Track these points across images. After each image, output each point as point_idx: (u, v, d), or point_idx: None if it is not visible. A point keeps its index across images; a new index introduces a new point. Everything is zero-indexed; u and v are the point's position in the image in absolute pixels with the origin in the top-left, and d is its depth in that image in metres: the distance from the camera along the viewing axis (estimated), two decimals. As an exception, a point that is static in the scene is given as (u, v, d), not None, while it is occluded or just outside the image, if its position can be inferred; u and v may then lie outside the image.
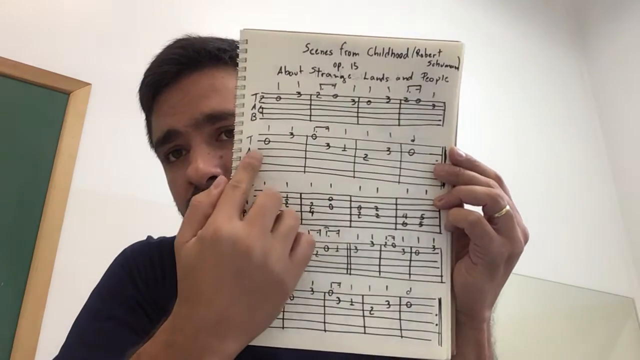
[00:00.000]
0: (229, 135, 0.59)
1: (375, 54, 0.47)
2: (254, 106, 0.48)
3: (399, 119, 0.48)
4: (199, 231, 0.44)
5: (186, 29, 0.69)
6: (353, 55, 0.48)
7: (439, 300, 0.48)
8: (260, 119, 0.48)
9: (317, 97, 0.48)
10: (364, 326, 0.47)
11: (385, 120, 0.48)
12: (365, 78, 0.48)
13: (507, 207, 0.47)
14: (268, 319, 0.46)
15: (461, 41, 0.47)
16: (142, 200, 1.60)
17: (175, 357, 0.43)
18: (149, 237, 0.75)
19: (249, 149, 0.48)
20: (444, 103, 0.48)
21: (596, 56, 3.12)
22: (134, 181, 1.62)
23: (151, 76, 0.65)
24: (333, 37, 0.48)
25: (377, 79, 0.48)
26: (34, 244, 1.44)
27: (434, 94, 0.48)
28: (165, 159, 0.65)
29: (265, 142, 0.48)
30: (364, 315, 0.47)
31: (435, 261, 0.48)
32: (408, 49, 0.47)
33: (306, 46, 0.48)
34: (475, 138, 2.29)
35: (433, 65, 0.47)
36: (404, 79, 0.48)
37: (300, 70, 0.48)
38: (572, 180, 2.77)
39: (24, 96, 1.55)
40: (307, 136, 0.48)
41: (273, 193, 0.46)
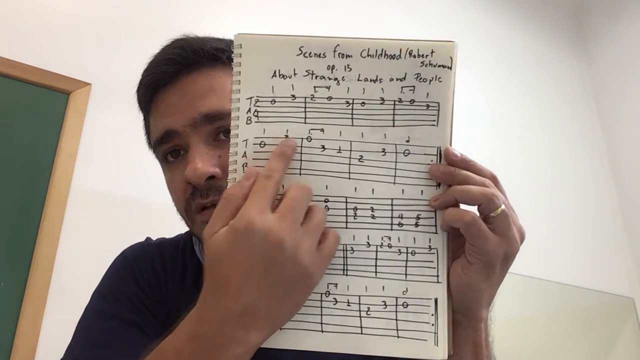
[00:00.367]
0: (227, 135, 0.59)
1: (368, 55, 0.47)
2: (249, 110, 0.48)
3: (393, 120, 0.48)
4: (231, 221, 0.44)
5: (185, 28, 0.69)
6: (346, 58, 0.48)
7: (435, 300, 0.48)
8: (256, 122, 0.48)
9: (312, 100, 0.48)
10: (361, 327, 0.47)
11: (380, 121, 0.48)
12: (359, 80, 0.48)
13: (503, 207, 0.47)
14: (293, 311, 0.46)
15: (454, 41, 0.47)
16: (142, 200, 1.60)
17: (200, 349, 0.43)
18: (148, 239, 0.75)
19: (244, 153, 0.48)
20: (438, 103, 0.48)
21: (596, 55, 3.12)
22: (134, 181, 1.62)
23: (149, 76, 0.65)
24: (326, 40, 0.48)
25: (371, 81, 0.48)
26: (34, 244, 1.44)
27: (427, 94, 0.48)
28: (163, 159, 0.65)
29: (261, 145, 0.48)
30: (360, 316, 0.48)
31: (432, 261, 0.48)
32: (401, 50, 0.47)
33: (299, 49, 0.48)
34: (475, 137, 2.29)
35: (426, 66, 0.47)
36: (397, 80, 0.48)
37: (294, 74, 0.48)
38: (572, 180, 2.76)
39: (24, 96, 1.55)
40: (302, 138, 0.48)
41: (305, 186, 0.46)
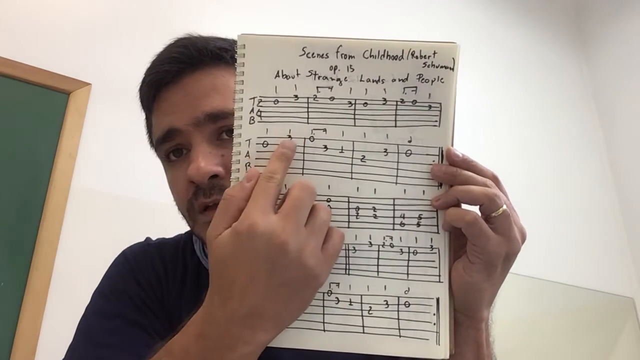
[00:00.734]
0: (230, 134, 0.59)
1: (370, 56, 0.48)
2: (252, 110, 0.48)
3: (395, 120, 0.48)
4: (234, 224, 0.44)
5: (185, 29, 0.69)
6: (349, 58, 0.48)
7: (437, 299, 0.48)
8: (259, 122, 0.48)
9: (314, 100, 0.48)
10: (363, 326, 0.48)
11: (382, 121, 0.48)
12: (361, 80, 0.48)
13: (504, 207, 0.47)
14: (299, 310, 0.46)
15: (456, 42, 0.47)
16: (142, 200, 1.60)
17: (208, 348, 0.44)
18: (148, 239, 0.75)
19: (247, 152, 0.48)
20: (440, 104, 0.48)
21: (596, 54, 3.12)
22: (134, 181, 1.62)
23: (152, 75, 0.65)
24: (329, 41, 0.48)
25: (373, 81, 0.48)
26: (34, 244, 1.44)
27: (429, 95, 0.48)
28: (165, 158, 0.65)
29: (264, 145, 0.48)
30: (362, 315, 0.48)
31: (433, 261, 0.48)
32: (403, 50, 0.47)
33: (302, 50, 0.48)
34: (476, 137, 2.29)
35: (428, 67, 0.47)
36: (399, 80, 0.48)
37: (297, 74, 0.48)
38: (572, 180, 2.76)
39: (24, 96, 1.55)
40: (305, 138, 0.48)
41: (308, 186, 0.45)
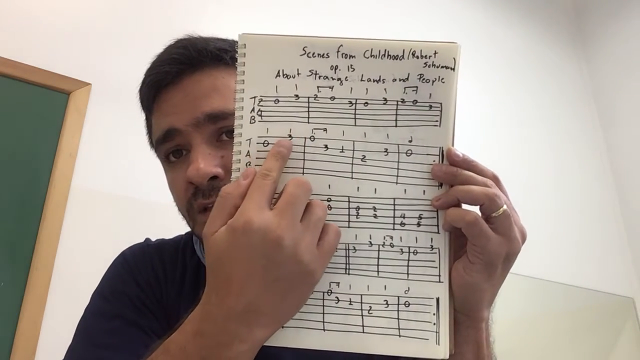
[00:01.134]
0: (230, 135, 0.59)
1: (371, 56, 0.48)
2: (253, 109, 0.48)
3: (396, 120, 0.48)
4: (230, 221, 0.44)
5: (185, 29, 0.69)
6: (349, 58, 0.48)
7: (437, 299, 0.48)
8: (259, 121, 0.48)
9: (315, 100, 0.48)
10: (363, 325, 0.48)
11: (383, 121, 0.48)
12: (362, 80, 0.48)
13: (505, 207, 0.47)
14: (296, 307, 0.46)
15: (457, 42, 0.47)
16: (142, 200, 1.60)
17: (205, 346, 0.44)
18: (147, 240, 0.75)
19: (248, 152, 0.48)
20: (441, 104, 0.48)
21: (595, 53, 3.12)
22: (134, 181, 1.62)
23: (152, 76, 0.65)
24: (329, 40, 0.48)
25: (374, 81, 0.48)
26: (34, 244, 1.44)
27: (430, 95, 0.48)
28: (165, 158, 0.65)
29: (265, 145, 0.48)
30: (362, 315, 0.48)
31: (433, 261, 0.48)
32: (404, 50, 0.47)
33: (303, 49, 0.48)
34: (476, 137, 2.29)
35: (429, 67, 0.47)
36: (400, 80, 0.48)
37: (298, 73, 0.48)
38: (572, 180, 2.77)
39: (24, 96, 1.55)
40: (306, 138, 0.48)
41: (303, 182, 0.45)
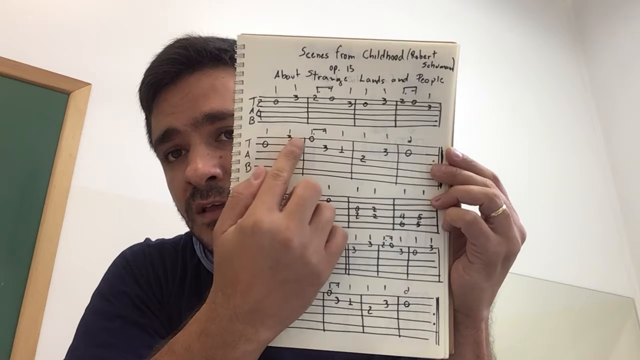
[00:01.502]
0: (228, 135, 0.59)
1: (370, 56, 0.48)
2: (252, 110, 0.48)
3: (395, 120, 0.48)
4: (239, 220, 0.44)
5: (186, 28, 0.69)
6: (349, 58, 0.48)
7: (437, 299, 0.48)
8: (259, 122, 0.48)
9: (314, 100, 0.48)
10: (363, 325, 0.48)
11: (382, 121, 0.48)
12: (361, 80, 0.48)
13: (504, 207, 0.47)
14: (301, 308, 0.46)
15: (456, 42, 0.47)
16: (142, 200, 1.60)
17: (210, 345, 0.44)
18: (147, 240, 0.75)
19: (247, 152, 0.48)
20: (440, 104, 0.48)
21: (595, 53, 3.12)
22: (134, 181, 1.62)
23: (151, 76, 0.65)
24: (328, 41, 0.48)
25: (373, 81, 0.48)
26: (34, 244, 1.44)
27: (429, 95, 0.48)
28: (164, 158, 0.65)
29: (264, 145, 0.48)
30: (362, 315, 0.48)
31: (433, 261, 0.49)
32: (403, 50, 0.47)
33: (302, 50, 0.48)
34: (476, 137, 2.29)
35: (428, 67, 0.47)
36: (399, 80, 0.48)
37: (297, 74, 0.48)
38: (572, 180, 2.77)
39: (24, 96, 1.55)
40: (305, 138, 0.48)
41: (313, 184, 0.45)
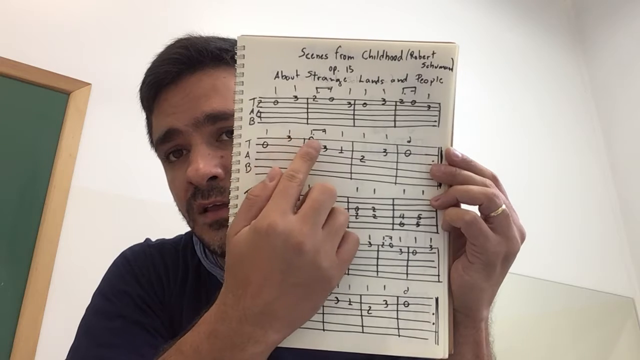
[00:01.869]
0: (229, 135, 0.59)
1: (369, 57, 0.48)
2: (252, 110, 0.48)
3: (394, 121, 0.48)
4: (253, 222, 0.44)
5: (187, 28, 0.69)
6: (348, 59, 0.48)
7: (436, 299, 0.48)
8: (259, 123, 0.48)
9: (314, 101, 0.48)
10: (362, 325, 0.48)
11: (381, 122, 0.48)
12: (360, 81, 0.48)
13: (503, 207, 0.47)
14: (311, 312, 0.46)
15: (455, 42, 0.48)
16: (142, 200, 1.60)
17: (219, 346, 0.44)
18: (147, 240, 0.75)
19: (247, 153, 0.48)
20: (439, 104, 0.48)
21: (595, 53, 3.12)
22: (134, 181, 1.62)
23: (152, 76, 0.65)
24: (328, 42, 0.48)
25: (373, 82, 0.48)
26: (34, 244, 1.44)
27: (429, 95, 0.48)
28: (165, 158, 0.65)
29: (264, 146, 0.48)
30: (362, 315, 0.48)
31: (433, 261, 0.49)
32: (402, 51, 0.47)
33: (302, 51, 0.48)
34: (476, 137, 2.29)
35: (427, 67, 0.47)
36: (398, 81, 0.48)
37: (297, 75, 0.48)
38: (572, 180, 2.77)
39: (24, 96, 1.55)
40: (305, 139, 0.48)
41: (329, 189, 0.45)
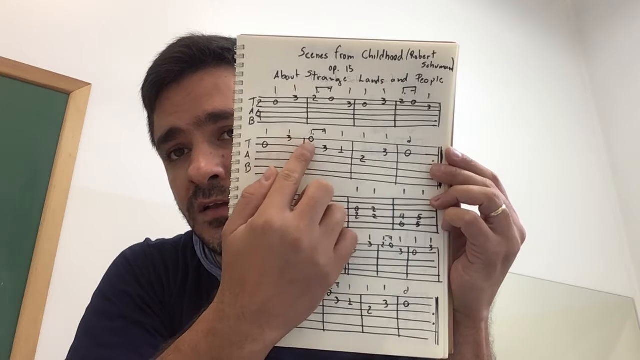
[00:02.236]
0: (231, 134, 0.59)
1: (370, 56, 0.48)
2: (252, 110, 0.48)
3: (394, 121, 0.48)
4: (250, 220, 0.44)
5: (187, 29, 0.69)
6: (348, 59, 0.48)
7: (436, 299, 0.48)
8: (259, 122, 0.48)
9: (314, 100, 0.48)
10: (362, 325, 0.48)
11: (381, 121, 0.48)
12: (360, 80, 0.48)
13: (504, 207, 0.47)
14: (309, 309, 0.46)
15: (455, 42, 0.47)
16: (142, 200, 1.60)
17: (217, 344, 0.44)
18: (147, 240, 0.75)
19: (247, 153, 0.48)
20: (440, 104, 0.48)
21: (595, 54, 3.12)
22: (134, 181, 1.62)
23: (154, 74, 0.65)
24: (328, 41, 0.48)
25: (373, 81, 0.48)
26: (34, 243, 1.44)
27: (429, 95, 0.48)
28: (167, 157, 0.65)
29: (264, 146, 0.48)
30: (362, 315, 0.48)
31: (433, 261, 0.49)
32: (402, 50, 0.47)
33: (302, 50, 0.48)
34: (476, 137, 2.29)
35: (427, 67, 0.47)
36: (399, 80, 0.48)
37: (297, 74, 0.48)
38: (572, 180, 2.77)
39: (24, 96, 1.55)
40: (305, 139, 0.48)
41: (325, 185, 0.45)
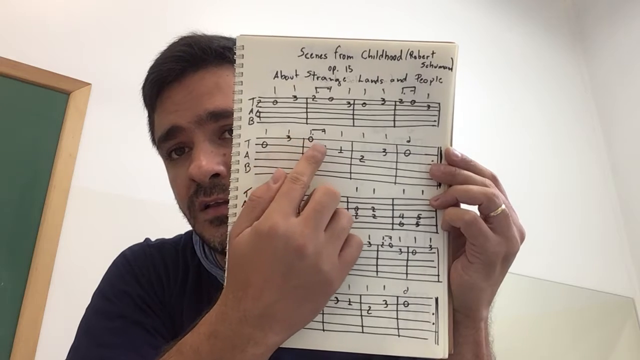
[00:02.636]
0: (232, 133, 0.60)
1: (369, 56, 0.48)
2: (252, 110, 0.48)
3: (394, 121, 0.48)
4: (255, 223, 0.44)
5: (186, 28, 0.69)
6: (347, 59, 0.48)
7: (436, 299, 0.48)
8: (258, 122, 0.48)
9: (313, 101, 0.48)
10: (362, 325, 0.48)
11: (381, 121, 0.48)
12: (360, 81, 0.48)
13: (503, 206, 0.47)
14: (311, 315, 0.46)
15: (455, 42, 0.47)
16: (142, 200, 1.61)
17: (219, 347, 0.44)
18: (147, 240, 0.75)
19: (247, 153, 0.48)
20: (439, 104, 0.48)
21: (595, 54, 3.12)
22: (134, 181, 1.62)
23: (155, 73, 0.65)
24: (327, 41, 0.48)
25: (372, 81, 0.48)
26: (34, 243, 1.44)
27: (428, 95, 0.48)
28: (167, 156, 0.65)
29: (263, 146, 0.48)
30: (361, 315, 0.48)
31: (432, 260, 0.49)
32: (401, 51, 0.47)
33: (301, 50, 0.48)
34: (476, 137, 2.29)
35: (427, 67, 0.47)
36: (398, 80, 0.48)
37: (296, 74, 0.48)
38: (572, 180, 2.77)
39: (24, 96, 1.55)
40: (304, 139, 0.48)
41: (332, 191, 0.45)
